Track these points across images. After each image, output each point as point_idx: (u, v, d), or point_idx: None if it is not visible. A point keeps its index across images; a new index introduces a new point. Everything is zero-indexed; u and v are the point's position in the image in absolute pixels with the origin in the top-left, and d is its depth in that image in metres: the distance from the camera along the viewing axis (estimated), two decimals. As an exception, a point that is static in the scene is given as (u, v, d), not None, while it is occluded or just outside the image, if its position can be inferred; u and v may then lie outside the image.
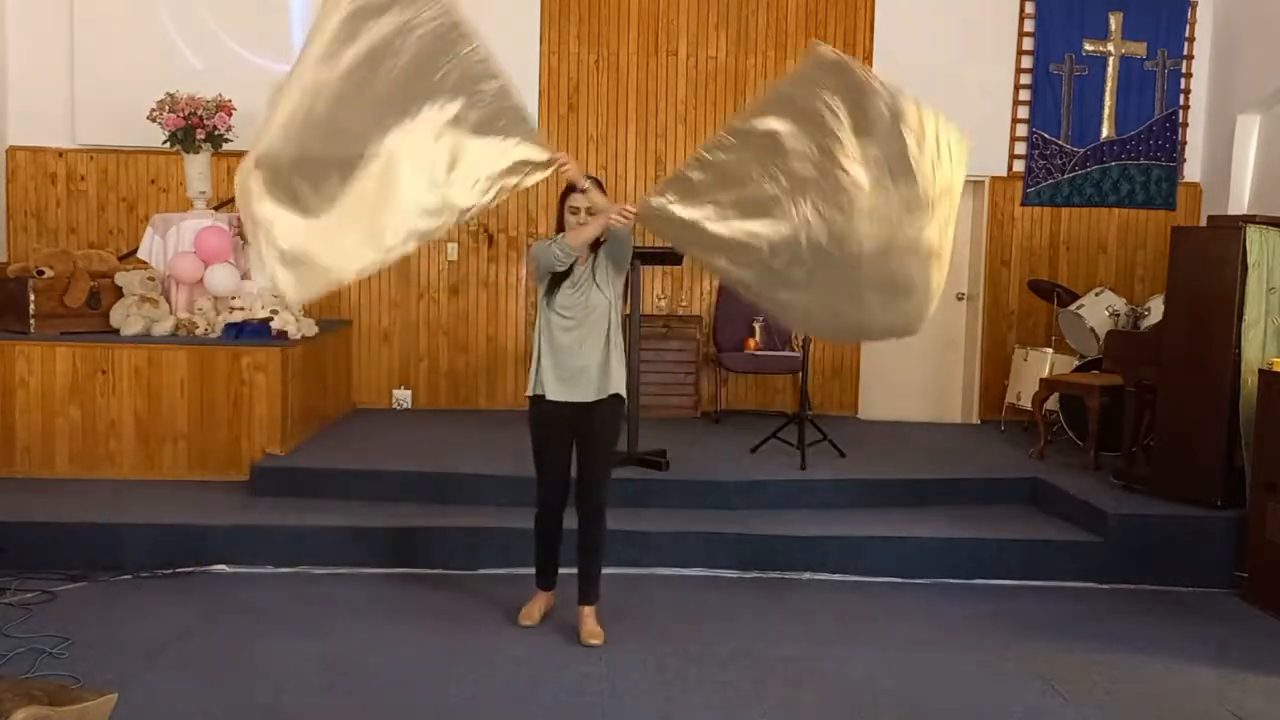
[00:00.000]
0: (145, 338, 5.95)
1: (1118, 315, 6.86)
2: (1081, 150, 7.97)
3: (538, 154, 3.72)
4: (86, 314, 6.09)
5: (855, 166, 3.48)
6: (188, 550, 4.94)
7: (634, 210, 3.84)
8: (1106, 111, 7.97)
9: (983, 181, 8.05)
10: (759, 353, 7.46)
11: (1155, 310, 6.56)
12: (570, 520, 4.22)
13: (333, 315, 7.65)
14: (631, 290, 5.29)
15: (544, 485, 4.19)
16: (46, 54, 7.47)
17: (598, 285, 4.08)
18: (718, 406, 7.78)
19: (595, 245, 4.10)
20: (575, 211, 4.03)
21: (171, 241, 6.60)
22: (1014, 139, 7.98)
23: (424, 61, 3.52)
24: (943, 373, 8.23)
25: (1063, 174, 7.99)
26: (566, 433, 4.12)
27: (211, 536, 4.99)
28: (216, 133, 6.64)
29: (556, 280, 4.07)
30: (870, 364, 8.11)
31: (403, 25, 3.50)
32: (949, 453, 6.82)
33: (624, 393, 4.20)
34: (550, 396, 4.08)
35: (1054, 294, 7.43)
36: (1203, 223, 7.31)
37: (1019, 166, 8.00)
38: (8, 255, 7.50)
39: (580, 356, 4.06)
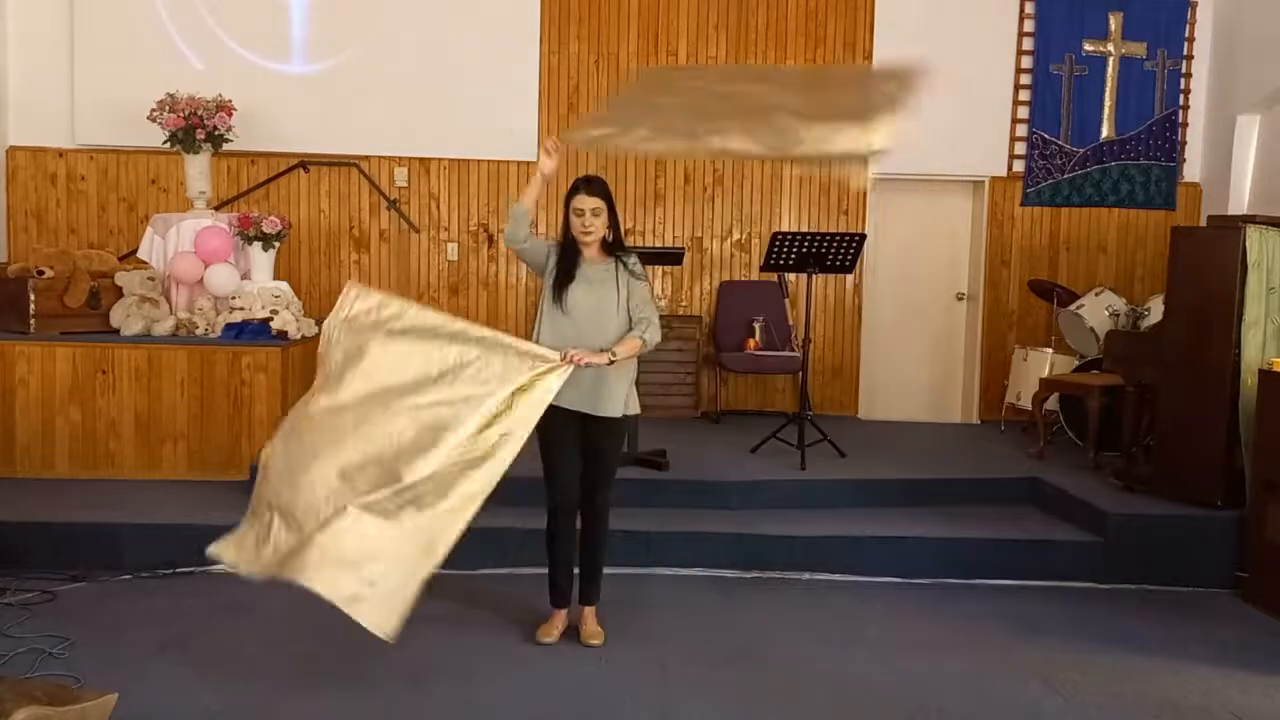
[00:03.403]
0: (145, 338, 5.96)
1: (1118, 315, 6.87)
2: (1081, 150, 7.98)
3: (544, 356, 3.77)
4: (86, 314, 6.09)
5: None
6: (188, 550, 4.92)
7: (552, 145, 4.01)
8: (1106, 111, 7.97)
9: (983, 181, 8.06)
10: (759, 353, 7.46)
11: (1155, 310, 6.57)
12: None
13: (333, 315, 7.65)
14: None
15: (556, 485, 4.11)
16: (46, 54, 7.48)
17: (619, 294, 4.02)
18: (718, 406, 7.78)
19: (611, 250, 4.08)
20: (580, 214, 4.00)
21: (171, 241, 6.61)
22: (1014, 139, 7.98)
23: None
24: (943, 373, 8.24)
25: (1062, 174, 7.99)
26: (574, 435, 4.08)
27: (211, 536, 4.92)
28: (216, 133, 6.65)
29: (562, 280, 4.02)
30: (870, 364, 8.11)
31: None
32: (949, 453, 6.83)
33: (636, 409, 4.18)
34: (554, 401, 4.03)
35: (1054, 294, 7.43)
36: (1203, 223, 7.31)
37: (1019, 166, 8.00)
38: (8, 255, 7.50)
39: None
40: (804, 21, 7.84)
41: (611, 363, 3.88)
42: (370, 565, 3.39)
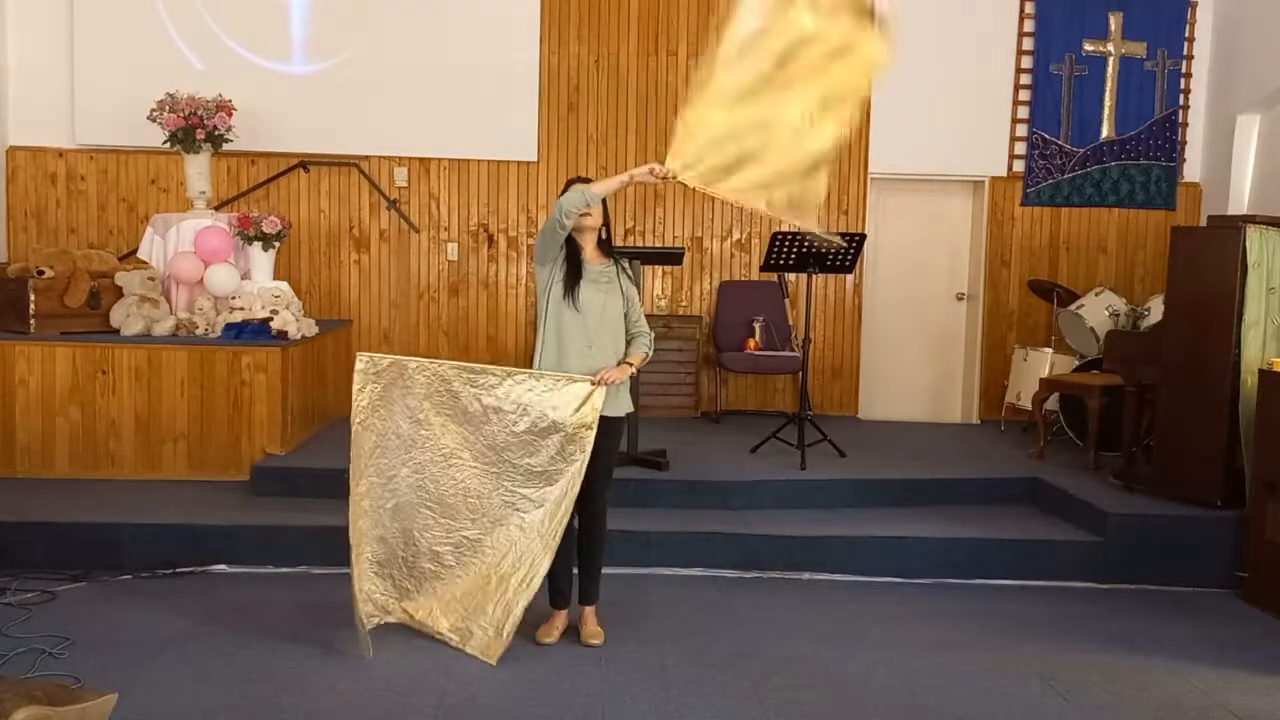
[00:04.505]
0: (145, 338, 5.96)
1: (1118, 315, 6.86)
2: (1081, 150, 7.98)
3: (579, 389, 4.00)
4: (86, 314, 6.09)
5: None
6: (188, 550, 4.94)
7: (663, 172, 3.98)
8: (1106, 111, 7.97)
9: (983, 181, 8.05)
10: (759, 353, 7.46)
11: (1155, 310, 6.57)
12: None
13: (333, 315, 7.66)
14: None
15: None
16: (46, 54, 7.47)
17: (622, 297, 4.13)
18: (718, 406, 7.78)
19: (609, 252, 4.18)
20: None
21: (171, 241, 6.61)
22: (1014, 139, 7.98)
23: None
24: (943, 373, 8.24)
25: (1062, 174, 7.99)
26: None
27: (211, 536, 4.99)
28: (216, 133, 6.65)
29: (572, 277, 4.05)
30: (870, 364, 8.11)
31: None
32: (949, 453, 6.83)
33: (631, 408, 4.27)
34: None
35: (1054, 294, 7.43)
36: (1203, 223, 7.31)
37: (1019, 166, 8.00)
38: (8, 255, 7.50)
39: (590, 358, 4.04)
40: (804, 21, 7.82)
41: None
42: (482, 608, 4.00)
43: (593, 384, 3.97)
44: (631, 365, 4.10)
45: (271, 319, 6.10)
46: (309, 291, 7.64)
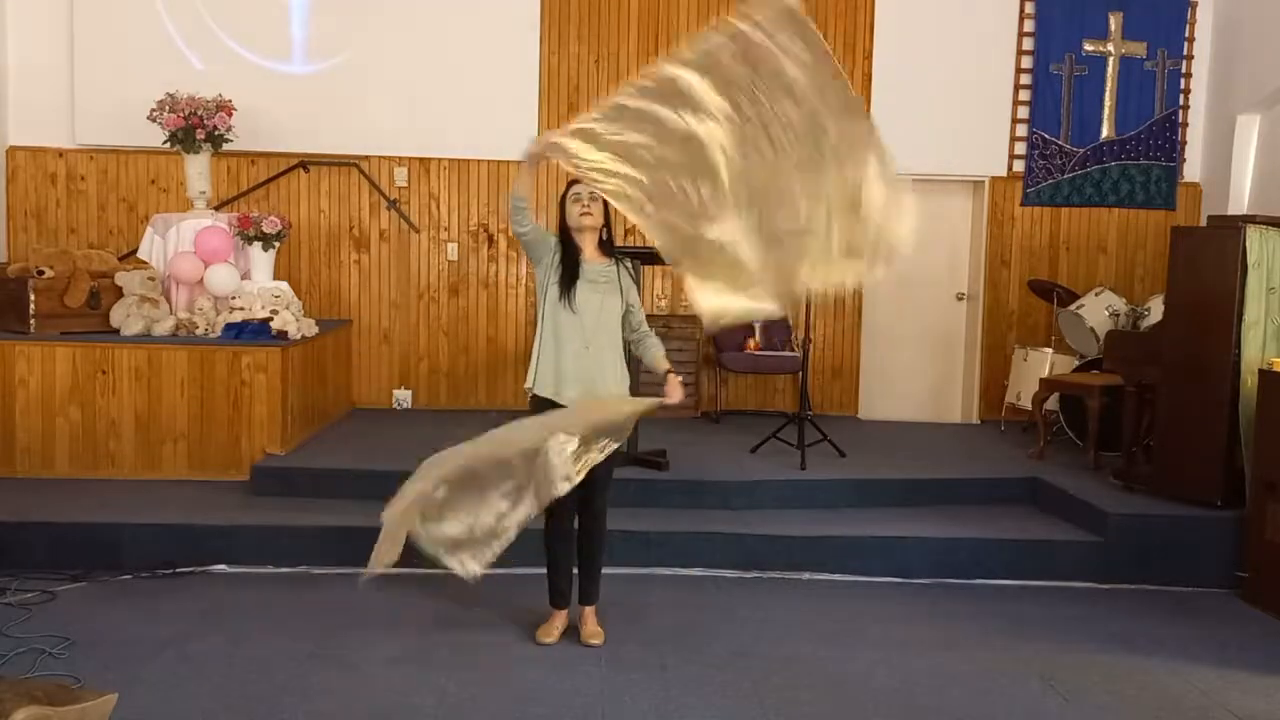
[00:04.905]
0: (145, 338, 5.96)
1: (1118, 315, 6.87)
2: (1081, 150, 7.98)
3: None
4: (86, 314, 6.09)
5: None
6: (188, 550, 4.94)
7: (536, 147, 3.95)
8: (1106, 111, 7.97)
9: (983, 181, 8.05)
10: (759, 353, 7.46)
11: (1155, 310, 6.57)
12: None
13: (333, 315, 7.66)
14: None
15: None
16: (46, 54, 7.47)
17: (621, 297, 4.12)
18: (718, 406, 7.78)
19: (610, 252, 4.16)
20: (578, 198, 4.10)
21: (171, 241, 6.61)
22: (1014, 139, 7.98)
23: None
24: (943, 373, 8.24)
25: (1062, 174, 7.99)
26: None
27: (211, 536, 4.99)
28: (216, 133, 6.65)
29: (569, 278, 4.04)
30: (870, 364, 8.11)
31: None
32: (949, 453, 6.83)
33: None
34: (557, 401, 4.05)
35: (1054, 294, 7.43)
36: (1203, 223, 7.31)
37: (1019, 166, 8.00)
38: (8, 255, 7.50)
39: (587, 359, 4.03)
40: (804, 21, 7.82)
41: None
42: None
43: (661, 404, 4.02)
44: (676, 374, 4.16)
45: (271, 319, 6.10)
46: (309, 291, 7.64)
